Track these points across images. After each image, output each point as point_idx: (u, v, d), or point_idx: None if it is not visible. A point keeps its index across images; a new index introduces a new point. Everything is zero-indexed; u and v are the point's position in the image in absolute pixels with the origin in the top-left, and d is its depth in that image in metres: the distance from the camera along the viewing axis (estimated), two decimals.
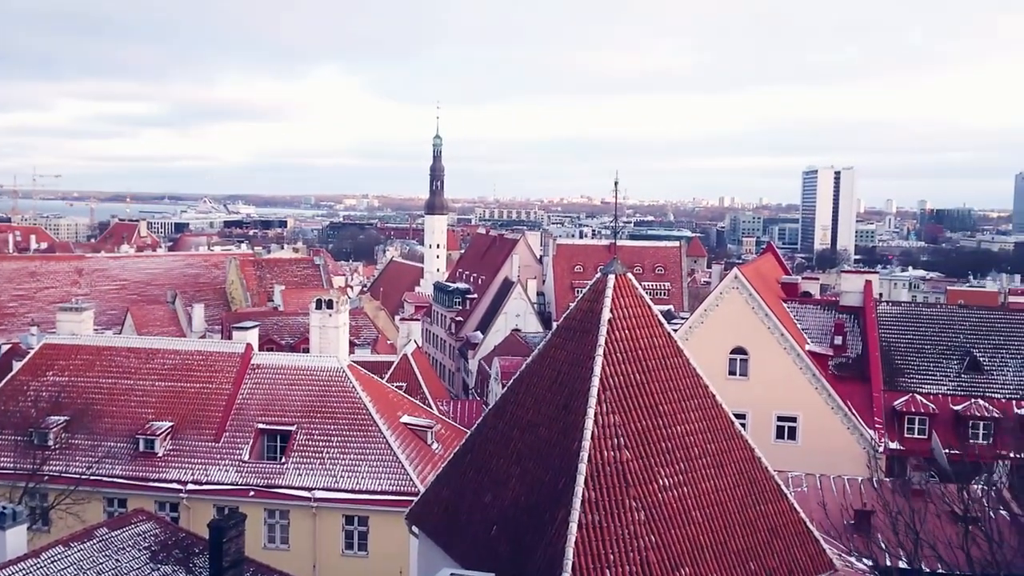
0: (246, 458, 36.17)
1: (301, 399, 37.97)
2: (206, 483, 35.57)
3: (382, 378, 45.84)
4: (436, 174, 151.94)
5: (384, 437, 36.18)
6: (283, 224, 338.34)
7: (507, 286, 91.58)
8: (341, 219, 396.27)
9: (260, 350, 42.92)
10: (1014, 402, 42.89)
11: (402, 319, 75.04)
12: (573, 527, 16.75)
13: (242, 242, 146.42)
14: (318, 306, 41.91)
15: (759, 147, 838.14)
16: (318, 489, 35.01)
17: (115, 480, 35.86)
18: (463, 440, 22.34)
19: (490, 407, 22.31)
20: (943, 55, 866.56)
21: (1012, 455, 30.92)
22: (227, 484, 35.51)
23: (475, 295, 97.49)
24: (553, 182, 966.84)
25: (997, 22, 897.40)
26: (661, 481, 18.02)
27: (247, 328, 42.01)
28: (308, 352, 43.74)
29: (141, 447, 36.57)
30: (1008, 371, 44.51)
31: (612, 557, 16.75)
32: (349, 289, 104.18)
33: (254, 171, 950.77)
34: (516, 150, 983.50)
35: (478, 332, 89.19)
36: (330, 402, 37.72)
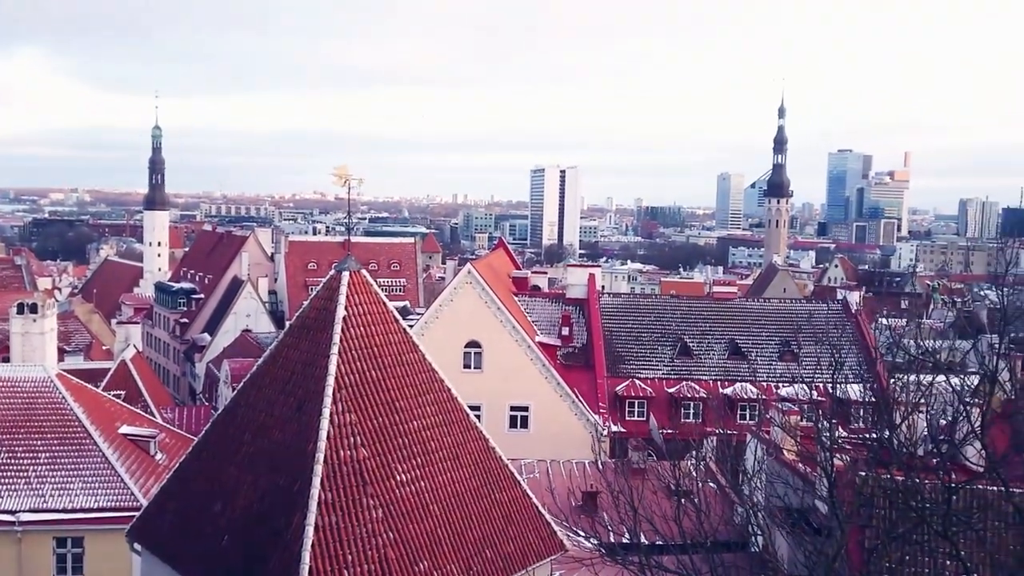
0: None
1: (1, 414, 34.31)
2: None
3: (97, 386, 42.60)
4: (156, 167, 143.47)
5: (100, 450, 33.54)
6: None
7: (236, 285, 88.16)
8: (47, 215, 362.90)
9: None
10: (719, 383, 47.24)
11: (119, 322, 69.99)
12: (310, 530, 16.34)
13: None
14: (20, 310, 38.19)
15: (491, 145, 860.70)
16: (23, 511, 31.70)
17: None
18: (190, 448, 21.17)
19: (219, 412, 21.30)
20: (658, 62, 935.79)
21: (717, 431, 34.05)
22: None
23: (201, 295, 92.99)
24: (285, 177, 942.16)
25: (707, 32, 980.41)
26: (399, 477, 18.01)
27: None
28: (9, 362, 39.75)
29: None
30: (713, 355, 48.92)
31: (351, 557, 16.52)
32: (57, 291, 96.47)
33: None
34: (244, 143, 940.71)
35: (205, 334, 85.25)
36: (36, 415, 34.30)
